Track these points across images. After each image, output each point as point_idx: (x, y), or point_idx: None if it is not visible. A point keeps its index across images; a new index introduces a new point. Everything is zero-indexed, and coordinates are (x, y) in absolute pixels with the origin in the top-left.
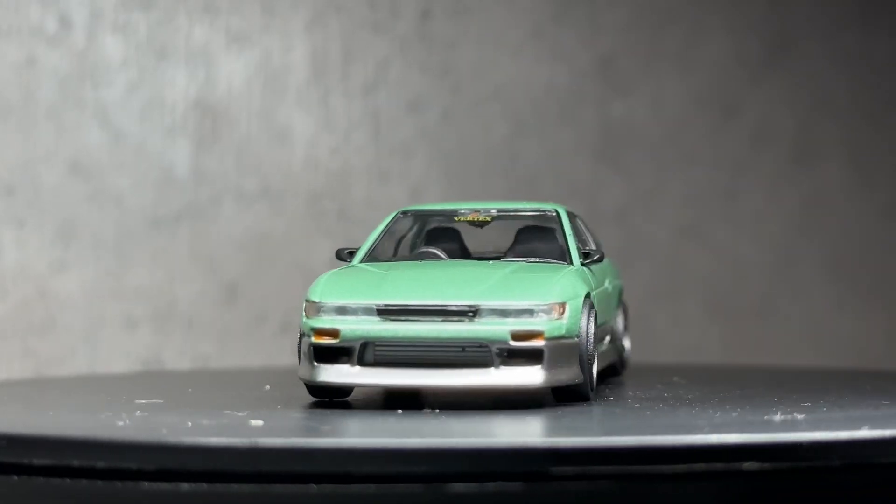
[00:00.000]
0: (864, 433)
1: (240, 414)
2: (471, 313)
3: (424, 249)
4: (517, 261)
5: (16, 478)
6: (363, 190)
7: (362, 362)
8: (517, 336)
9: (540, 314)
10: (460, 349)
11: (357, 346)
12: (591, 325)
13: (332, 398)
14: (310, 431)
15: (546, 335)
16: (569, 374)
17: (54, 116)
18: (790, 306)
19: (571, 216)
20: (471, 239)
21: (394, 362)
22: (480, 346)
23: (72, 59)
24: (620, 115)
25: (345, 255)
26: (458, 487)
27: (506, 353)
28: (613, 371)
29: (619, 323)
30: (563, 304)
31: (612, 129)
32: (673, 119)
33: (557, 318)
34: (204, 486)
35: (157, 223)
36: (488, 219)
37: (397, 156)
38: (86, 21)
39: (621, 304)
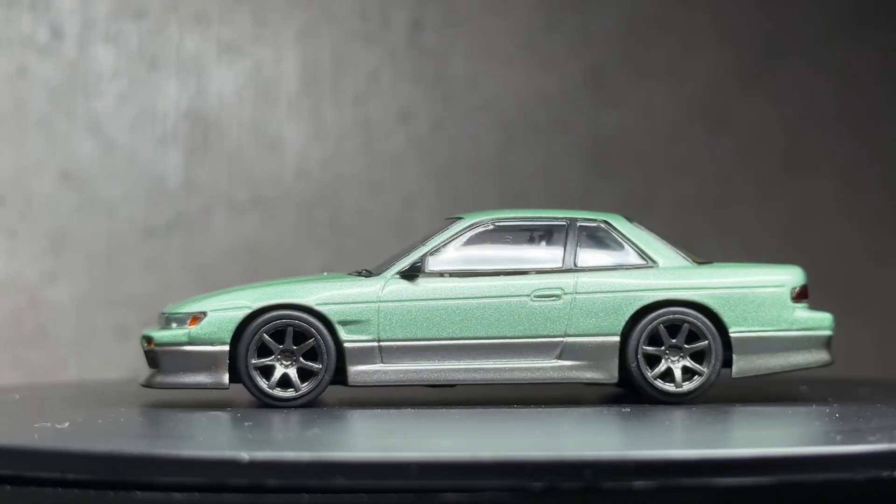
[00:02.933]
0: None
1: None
2: (166, 321)
3: None
4: (324, 273)
5: (9, 487)
6: (354, 200)
7: None
8: (147, 340)
9: (173, 323)
10: None
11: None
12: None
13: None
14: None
15: (155, 341)
16: (204, 379)
17: (46, 126)
18: None
19: (478, 227)
20: None
21: None
22: None
23: (63, 70)
24: (611, 125)
25: None
26: (451, 497)
27: (154, 357)
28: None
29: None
30: (198, 315)
31: (602, 138)
32: (663, 129)
33: (189, 327)
34: (196, 495)
35: (149, 233)
36: None
37: (388, 166)
38: (77, 31)
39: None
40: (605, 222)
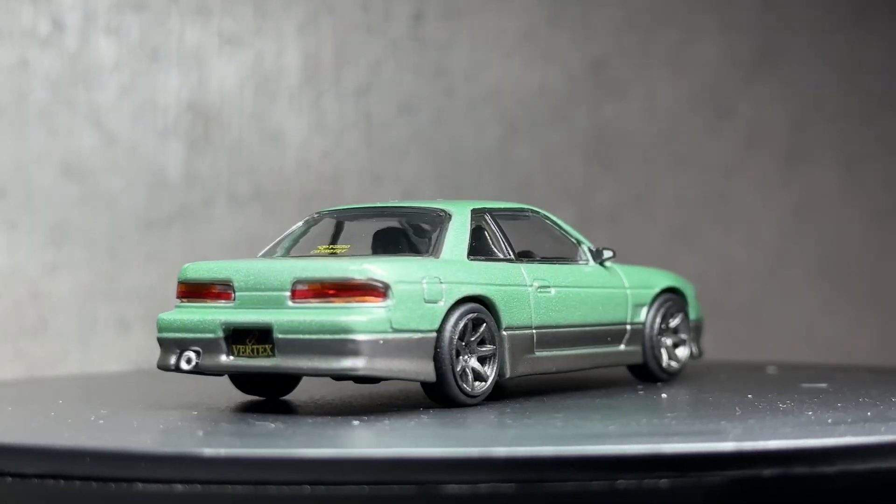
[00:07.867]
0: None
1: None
2: None
3: None
4: None
5: (10, 479)
6: (355, 192)
7: None
8: None
9: None
10: None
11: None
12: None
13: None
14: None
15: None
16: None
17: (47, 118)
18: (781, 307)
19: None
20: None
21: None
22: None
23: (64, 62)
24: (613, 117)
25: None
26: (452, 489)
27: None
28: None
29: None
30: None
31: (604, 131)
32: (665, 121)
33: None
34: (198, 487)
35: (150, 225)
36: None
37: (390, 158)
38: (78, 23)
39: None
40: None
